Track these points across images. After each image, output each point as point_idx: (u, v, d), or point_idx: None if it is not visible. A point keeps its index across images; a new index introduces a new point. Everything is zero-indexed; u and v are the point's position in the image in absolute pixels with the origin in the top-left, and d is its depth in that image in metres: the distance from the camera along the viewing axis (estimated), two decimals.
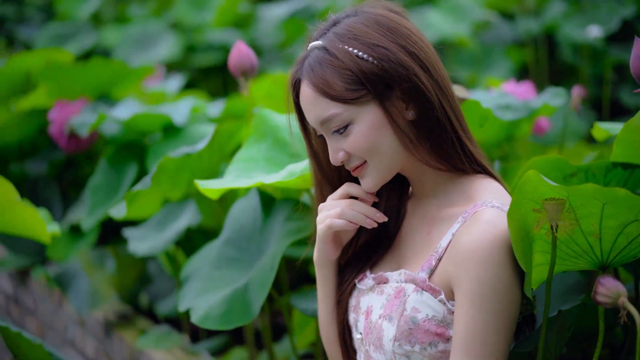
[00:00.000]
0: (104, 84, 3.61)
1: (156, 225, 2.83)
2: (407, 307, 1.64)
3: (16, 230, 2.66)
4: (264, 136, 2.23)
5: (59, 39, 5.70)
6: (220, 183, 2.07)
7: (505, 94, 2.71)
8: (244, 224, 2.30)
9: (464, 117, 1.73)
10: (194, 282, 2.29)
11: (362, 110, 1.63)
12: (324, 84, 1.62)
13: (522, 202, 1.51)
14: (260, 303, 2.06)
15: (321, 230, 1.76)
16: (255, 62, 2.43)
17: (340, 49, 1.62)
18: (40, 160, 3.86)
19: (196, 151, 2.39)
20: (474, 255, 1.55)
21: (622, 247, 1.58)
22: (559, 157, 1.96)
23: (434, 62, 1.67)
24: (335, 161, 1.68)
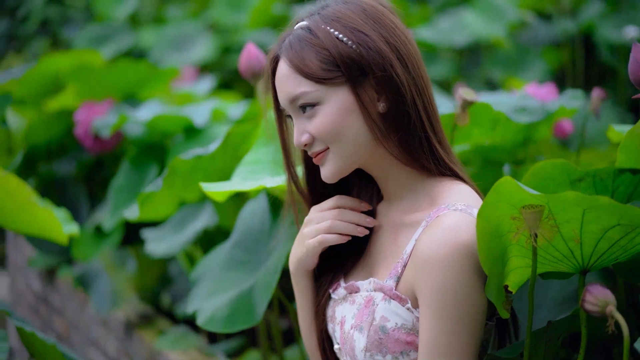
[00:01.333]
0: (131, 85, 3.64)
1: (174, 227, 2.84)
2: (376, 316, 1.61)
3: (34, 231, 2.70)
4: (271, 139, 2.23)
5: (97, 40, 5.76)
6: (224, 186, 2.07)
7: (527, 96, 2.68)
8: (252, 226, 2.30)
9: (440, 122, 1.69)
10: (203, 284, 2.29)
11: (333, 93, 1.61)
12: (300, 60, 1.61)
13: (497, 204, 1.48)
14: (264, 306, 2.06)
15: (311, 245, 1.74)
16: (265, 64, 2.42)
17: (322, 29, 1.61)
18: (69, 161, 3.90)
19: (208, 153, 2.39)
20: (434, 261, 1.52)
21: (603, 251, 1.55)
22: (566, 162, 1.93)
23: (413, 59, 1.64)
24: (298, 144, 1.66)
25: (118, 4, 5.97)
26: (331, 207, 1.75)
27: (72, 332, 3.82)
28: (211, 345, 3.01)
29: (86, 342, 3.65)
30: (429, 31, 4.96)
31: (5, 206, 2.59)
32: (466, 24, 4.88)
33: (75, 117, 3.49)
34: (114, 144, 3.51)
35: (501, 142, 2.63)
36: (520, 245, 1.56)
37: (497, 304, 1.56)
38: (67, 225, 2.75)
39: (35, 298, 4.23)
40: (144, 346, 3.09)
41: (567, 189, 1.98)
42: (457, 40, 4.90)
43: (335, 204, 1.75)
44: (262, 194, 2.31)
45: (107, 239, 3.33)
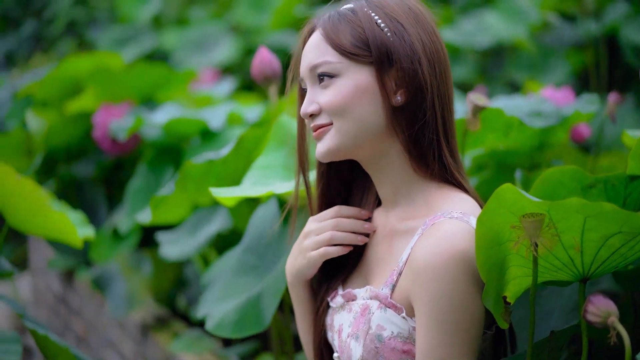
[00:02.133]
0: (149, 88, 3.65)
1: (189, 230, 2.85)
2: (372, 325, 1.60)
3: (49, 234, 2.71)
4: (282, 143, 2.23)
5: (121, 41, 5.78)
6: (234, 191, 2.06)
7: (543, 99, 2.66)
8: (263, 231, 2.29)
9: (455, 133, 1.69)
10: (213, 289, 2.29)
11: (355, 70, 1.62)
12: (334, 32, 1.63)
13: (498, 211, 1.46)
14: (271, 312, 2.05)
15: (313, 257, 1.74)
16: (278, 69, 2.42)
17: (364, 12, 1.64)
18: (88, 163, 3.91)
19: (219, 157, 2.39)
20: (429, 270, 1.51)
21: (603, 259, 1.54)
22: (576, 168, 1.91)
23: (442, 66, 1.66)
24: (304, 112, 1.67)
25: (141, 5, 5.99)
26: (330, 217, 1.75)
27: (90, 333, 3.84)
28: (225, 349, 3.01)
29: (103, 343, 3.66)
30: (451, 32, 4.94)
31: (21, 210, 2.60)
32: (488, 26, 4.85)
33: (94, 120, 3.51)
34: (132, 146, 3.52)
35: (516, 146, 2.61)
36: (519, 254, 1.54)
37: (496, 314, 1.54)
38: (82, 229, 2.76)
39: (55, 299, 4.26)
40: (159, 349, 3.10)
41: (579, 195, 1.95)
42: (479, 41, 4.87)
43: (335, 214, 1.75)
44: (273, 199, 2.30)
45: (125, 241, 3.34)
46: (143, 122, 3.12)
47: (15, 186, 2.54)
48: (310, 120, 1.67)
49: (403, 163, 1.66)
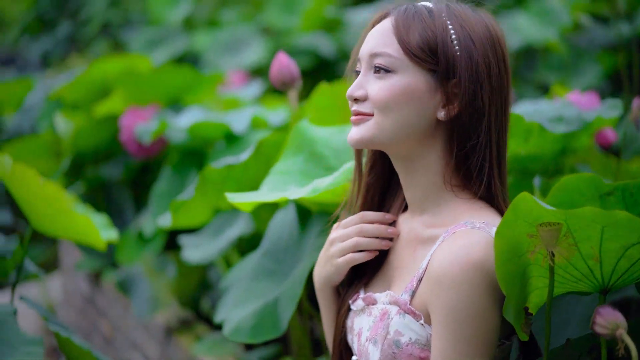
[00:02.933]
0: (176, 91, 3.67)
1: (211, 233, 2.86)
2: (391, 330, 1.60)
3: (72, 237, 2.73)
4: (300, 149, 2.23)
5: (152, 43, 5.81)
6: (249, 196, 2.07)
7: (568, 104, 2.64)
8: (281, 235, 2.30)
9: (506, 157, 1.68)
10: (231, 293, 2.30)
11: (413, 71, 1.60)
12: (405, 26, 1.61)
13: (515, 222, 1.45)
14: (288, 317, 2.06)
15: (340, 263, 1.75)
16: (296, 74, 2.42)
17: (441, 18, 1.61)
18: (116, 165, 3.94)
19: (239, 162, 2.40)
20: (445, 279, 1.50)
21: (623, 270, 1.52)
22: (594, 176, 1.88)
23: (505, 93, 1.64)
24: (350, 94, 1.65)
25: (172, 7, 6.02)
26: (354, 223, 1.75)
27: (116, 334, 3.87)
28: (247, 352, 3.02)
29: (129, 345, 3.69)
30: None
31: (45, 213, 2.63)
32: (518, 27, 4.82)
33: (120, 123, 3.53)
34: (159, 149, 3.54)
35: (538, 152, 2.59)
36: (538, 264, 1.53)
37: (517, 326, 1.53)
38: (106, 231, 2.78)
39: (83, 300, 4.29)
40: (182, 351, 3.12)
41: (596, 203, 1.93)
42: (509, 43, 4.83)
43: (359, 220, 1.75)
44: (291, 204, 2.31)
45: (150, 244, 3.36)
46: (167, 125, 3.14)
47: (39, 190, 2.57)
48: (353, 103, 1.66)
49: (439, 171, 1.65)
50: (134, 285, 3.37)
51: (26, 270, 2.76)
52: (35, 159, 3.88)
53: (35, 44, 8.44)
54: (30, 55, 8.50)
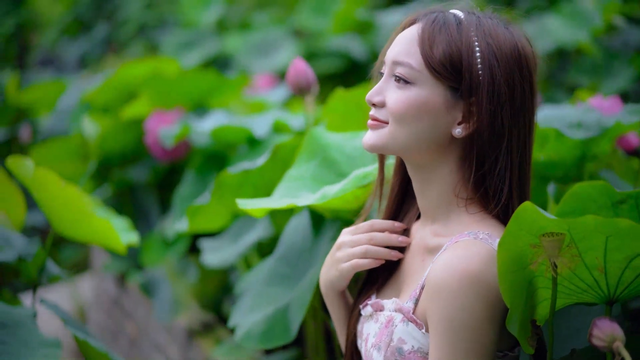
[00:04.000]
0: (201, 94, 3.69)
1: (231, 237, 2.87)
2: (394, 337, 1.60)
3: (92, 240, 2.76)
4: (313, 154, 2.23)
5: (184, 45, 5.84)
6: (259, 203, 2.07)
7: (590, 109, 2.61)
8: (295, 241, 2.30)
9: (530, 177, 1.66)
10: (245, 299, 2.31)
11: (433, 85, 1.58)
12: (430, 38, 1.58)
13: (518, 233, 1.44)
14: (298, 323, 2.06)
15: (345, 269, 1.74)
16: (312, 79, 2.43)
17: (469, 33, 1.57)
18: (143, 168, 3.97)
19: (255, 167, 2.41)
20: (442, 289, 1.49)
21: (629, 281, 1.50)
22: (606, 183, 1.86)
23: (529, 114, 1.62)
24: (369, 99, 1.64)
25: (204, 9, 6.04)
26: (364, 230, 1.75)
27: (141, 336, 3.89)
28: (265, 356, 3.03)
29: (153, 347, 3.71)
30: None
31: (66, 216, 2.65)
32: (549, 30, 4.78)
33: (145, 126, 3.56)
34: (184, 152, 3.56)
35: (557, 158, 2.56)
36: (544, 276, 1.51)
37: (521, 339, 1.52)
38: (126, 235, 2.80)
39: (110, 302, 4.33)
40: (203, 354, 3.13)
41: (609, 211, 1.91)
42: (540, 46, 4.80)
43: (370, 228, 1.75)
44: (305, 209, 2.31)
45: (174, 247, 3.38)
46: (189, 129, 3.15)
47: (60, 193, 2.59)
48: (371, 107, 1.66)
49: (452, 184, 1.63)
50: (156, 288, 3.39)
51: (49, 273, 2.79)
52: (63, 162, 3.92)
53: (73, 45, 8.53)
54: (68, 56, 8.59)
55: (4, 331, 2.31)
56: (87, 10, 8.69)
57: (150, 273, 3.51)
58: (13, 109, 5.89)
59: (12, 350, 2.26)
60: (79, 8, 8.73)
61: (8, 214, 2.86)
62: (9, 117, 5.90)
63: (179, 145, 3.50)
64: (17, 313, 2.30)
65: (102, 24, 8.46)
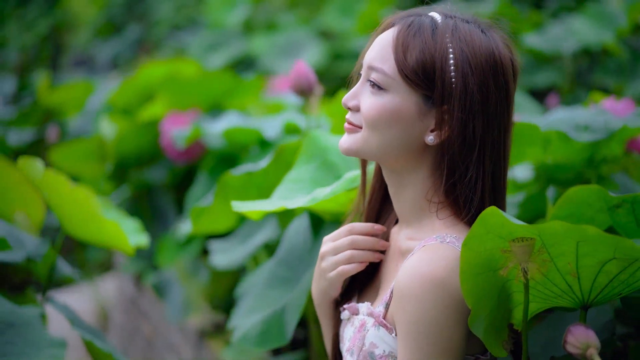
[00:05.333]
0: (218, 96, 3.70)
1: (240, 239, 2.87)
2: (366, 342, 1.60)
3: (101, 242, 2.77)
4: (312, 157, 2.22)
5: (211, 47, 5.86)
6: (253, 205, 2.07)
7: (602, 111, 2.58)
8: (295, 244, 2.30)
9: (505, 185, 1.63)
10: (246, 300, 2.31)
11: (405, 91, 1.56)
12: (404, 44, 1.55)
13: (486, 235, 1.42)
14: (293, 326, 2.06)
15: (332, 278, 1.73)
16: (314, 82, 2.42)
17: (444, 39, 1.55)
18: (161, 169, 3.99)
19: (258, 169, 2.41)
20: (407, 293, 1.48)
21: (603, 286, 1.49)
22: (600, 188, 1.85)
23: (504, 122, 1.59)
24: (344, 102, 1.64)
25: (230, 11, 6.05)
26: (343, 236, 1.74)
27: (156, 336, 3.91)
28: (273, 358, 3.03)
29: (167, 347, 3.73)
30: (537, 38, 4.85)
31: (75, 218, 2.68)
32: (575, 31, 4.74)
33: (160, 128, 3.57)
34: (199, 154, 3.57)
35: (565, 160, 2.54)
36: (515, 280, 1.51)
37: (489, 341, 1.50)
38: (136, 236, 2.81)
39: (128, 302, 4.36)
40: (213, 355, 3.14)
41: (604, 215, 1.90)
42: (565, 47, 4.77)
43: (349, 232, 1.73)
44: (305, 212, 2.31)
45: (188, 247, 3.39)
46: (201, 131, 3.16)
47: (69, 194, 2.62)
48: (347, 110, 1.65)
49: (424, 188, 1.62)
50: (168, 289, 3.41)
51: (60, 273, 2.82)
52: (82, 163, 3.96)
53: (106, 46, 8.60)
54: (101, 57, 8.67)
55: (11, 331, 2.33)
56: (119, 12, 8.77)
57: (163, 274, 3.53)
58: (43, 109, 5.95)
59: (18, 350, 2.28)
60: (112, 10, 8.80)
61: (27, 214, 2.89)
62: (38, 118, 5.96)
63: (194, 146, 3.51)
64: (25, 313, 2.32)
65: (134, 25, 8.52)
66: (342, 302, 1.78)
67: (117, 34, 8.64)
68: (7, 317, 2.34)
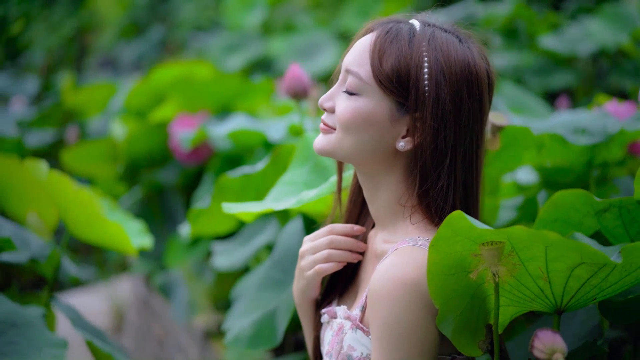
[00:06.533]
0: (227, 98, 3.72)
1: (242, 241, 2.89)
2: (344, 345, 1.61)
3: (104, 243, 2.81)
4: (306, 160, 2.24)
5: (229, 48, 5.88)
6: (241, 207, 2.08)
7: (605, 114, 2.58)
8: (290, 246, 2.31)
9: (479, 195, 1.64)
10: (239, 303, 2.33)
11: (379, 97, 1.58)
12: (381, 51, 1.57)
13: (454, 238, 1.44)
14: (283, 328, 2.08)
15: (310, 276, 1.75)
16: (308, 85, 2.44)
17: (420, 48, 1.56)
18: (172, 170, 4.01)
19: (255, 172, 2.43)
20: (380, 296, 1.50)
21: (574, 291, 1.49)
22: (586, 192, 1.85)
23: (477, 132, 1.60)
24: (320, 103, 1.65)
25: (248, 13, 6.07)
26: (322, 236, 1.76)
27: (167, 336, 3.94)
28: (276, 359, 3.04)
29: (176, 347, 3.75)
30: (553, 39, 4.83)
31: (78, 218, 2.71)
32: (591, 32, 4.71)
33: (169, 129, 3.60)
34: (207, 156, 3.60)
35: (564, 164, 2.53)
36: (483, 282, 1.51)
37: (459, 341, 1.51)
38: (139, 238, 2.84)
39: (140, 302, 4.39)
40: (217, 356, 3.16)
41: (592, 220, 1.90)
42: (582, 49, 4.74)
43: (329, 233, 1.75)
44: (299, 215, 2.32)
45: (196, 248, 3.41)
46: (206, 133, 3.18)
47: (73, 196, 2.65)
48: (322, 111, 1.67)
49: (398, 192, 1.63)
50: (174, 289, 3.43)
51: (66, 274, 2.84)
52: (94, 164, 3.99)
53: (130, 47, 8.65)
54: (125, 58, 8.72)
55: (13, 331, 2.35)
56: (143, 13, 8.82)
57: (170, 274, 3.55)
58: (64, 110, 6.00)
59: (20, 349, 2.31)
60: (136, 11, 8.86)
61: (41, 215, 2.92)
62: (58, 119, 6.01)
63: (202, 148, 3.54)
64: (27, 313, 2.34)
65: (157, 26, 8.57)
66: (323, 304, 1.79)
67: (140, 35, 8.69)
68: (10, 317, 2.37)
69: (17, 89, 7.15)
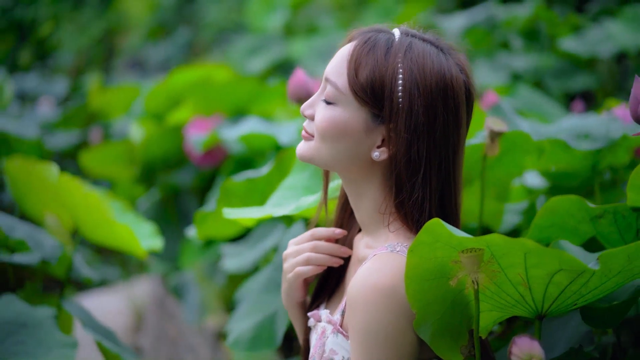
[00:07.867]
0: (244, 101, 3.74)
1: (251, 243, 2.91)
2: (326, 348, 1.63)
3: (114, 245, 2.84)
4: (306, 165, 2.26)
5: (251, 50, 5.90)
6: (241, 213, 2.11)
7: (613, 118, 2.57)
8: None
9: (459, 204, 1.65)
10: (243, 305, 2.35)
11: (355, 107, 1.59)
12: (357, 62, 1.59)
13: (434, 244, 1.45)
14: (282, 331, 2.10)
15: (290, 278, 1.78)
16: (312, 89, 2.45)
17: (394, 60, 1.57)
18: (187, 172, 4.05)
19: (259, 176, 2.45)
20: (357, 301, 1.51)
21: (554, 297, 1.51)
22: (580, 198, 1.85)
23: (454, 144, 1.61)
24: (302, 109, 1.67)
25: (269, 15, 6.10)
26: (305, 240, 1.78)
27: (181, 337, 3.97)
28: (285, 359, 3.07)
29: (189, 348, 3.78)
30: (574, 41, 4.81)
31: (89, 221, 2.75)
32: (610, 35, 4.69)
33: (184, 132, 3.63)
34: (221, 159, 3.62)
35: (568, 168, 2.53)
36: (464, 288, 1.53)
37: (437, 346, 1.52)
38: (149, 240, 2.87)
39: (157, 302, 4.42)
40: (227, 357, 3.19)
41: (588, 226, 1.90)
42: (602, 50, 4.72)
43: (311, 237, 1.77)
44: (301, 219, 2.34)
45: (208, 250, 3.44)
46: (218, 136, 3.21)
47: (83, 199, 2.69)
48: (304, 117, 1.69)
49: (379, 200, 1.65)
50: (186, 291, 3.46)
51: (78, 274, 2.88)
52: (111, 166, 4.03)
53: (157, 49, 8.71)
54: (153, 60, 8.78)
55: (24, 331, 2.39)
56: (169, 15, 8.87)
57: (182, 276, 3.58)
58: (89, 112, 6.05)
59: (29, 349, 2.34)
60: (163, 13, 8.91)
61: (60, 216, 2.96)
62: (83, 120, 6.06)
63: (216, 151, 3.57)
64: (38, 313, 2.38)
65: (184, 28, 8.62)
66: (312, 307, 1.81)
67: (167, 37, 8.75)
68: (20, 317, 2.40)
69: (46, 90, 7.22)
